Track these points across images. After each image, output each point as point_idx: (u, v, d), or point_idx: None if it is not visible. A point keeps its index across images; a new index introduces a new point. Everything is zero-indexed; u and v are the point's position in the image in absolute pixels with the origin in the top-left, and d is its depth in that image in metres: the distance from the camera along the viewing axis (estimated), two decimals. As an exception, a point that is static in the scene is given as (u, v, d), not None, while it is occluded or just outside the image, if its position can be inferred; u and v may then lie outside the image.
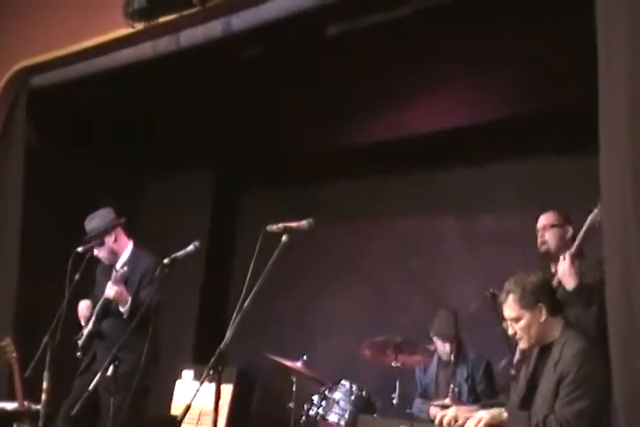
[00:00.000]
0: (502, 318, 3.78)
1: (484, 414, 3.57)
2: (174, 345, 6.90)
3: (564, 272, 4.26)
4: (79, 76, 5.97)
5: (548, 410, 3.46)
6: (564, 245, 4.59)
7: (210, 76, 5.93)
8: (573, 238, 4.53)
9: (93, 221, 5.18)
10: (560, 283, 4.32)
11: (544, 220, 4.75)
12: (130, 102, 6.42)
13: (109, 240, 5.23)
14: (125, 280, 5.03)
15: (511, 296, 3.62)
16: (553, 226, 4.68)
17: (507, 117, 6.12)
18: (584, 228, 4.35)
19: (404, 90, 5.88)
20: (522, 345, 3.69)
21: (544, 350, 3.70)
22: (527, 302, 3.59)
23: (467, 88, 5.90)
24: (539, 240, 4.70)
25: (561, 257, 4.36)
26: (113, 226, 5.22)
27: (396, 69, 5.64)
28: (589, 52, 3.67)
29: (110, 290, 4.95)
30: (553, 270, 4.53)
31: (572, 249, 4.39)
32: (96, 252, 5.19)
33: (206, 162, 7.88)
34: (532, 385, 3.68)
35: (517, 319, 3.61)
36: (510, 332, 3.67)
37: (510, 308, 3.62)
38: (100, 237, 5.17)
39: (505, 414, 3.56)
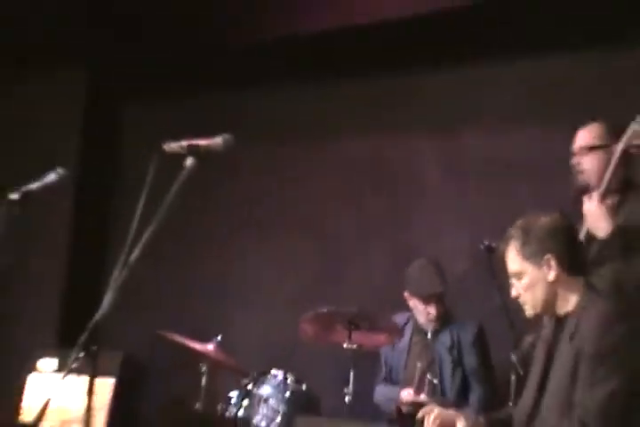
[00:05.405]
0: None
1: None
2: (28, 321, 5.77)
3: (591, 215, 3.43)
4: None
5: (563, 402, 2.70)
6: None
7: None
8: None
9: None
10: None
11: (582, 138, 3.62)
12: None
13: None
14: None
15: (512, 243, 2.92)
16: (594, 148, 3.57)
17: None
18: (620, 146, 3.39)
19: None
20: (526, 312, 2.96)
21: (560, 322, 2.89)
22: (532, 251, 2.86)
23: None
24: (574, 168, 3.63)
25: (585, 198, 3.47)
26: None
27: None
28: None
29: None
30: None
31: (604, 181, 3.45)
32: None
33: (76, 59, 6.13)
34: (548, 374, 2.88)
35: (519, 275, 2.91)
36: (513, 293, 2.95)
37: (511, 259, 2.94)
38: None
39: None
